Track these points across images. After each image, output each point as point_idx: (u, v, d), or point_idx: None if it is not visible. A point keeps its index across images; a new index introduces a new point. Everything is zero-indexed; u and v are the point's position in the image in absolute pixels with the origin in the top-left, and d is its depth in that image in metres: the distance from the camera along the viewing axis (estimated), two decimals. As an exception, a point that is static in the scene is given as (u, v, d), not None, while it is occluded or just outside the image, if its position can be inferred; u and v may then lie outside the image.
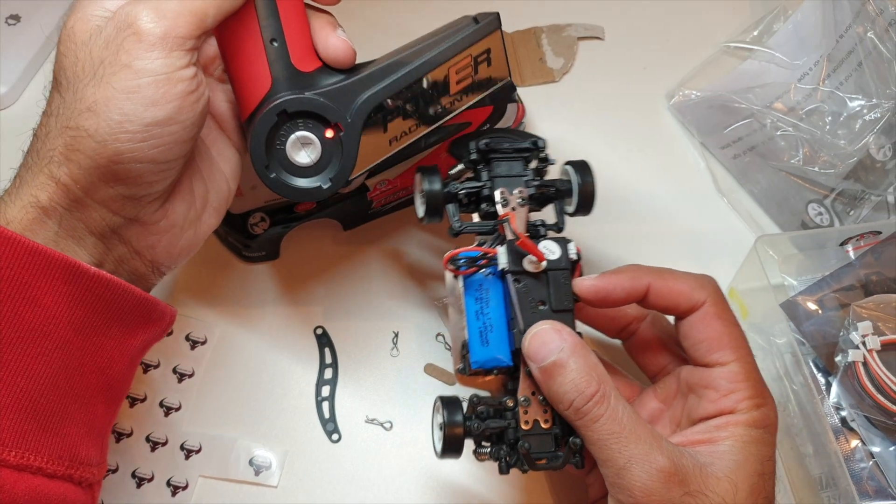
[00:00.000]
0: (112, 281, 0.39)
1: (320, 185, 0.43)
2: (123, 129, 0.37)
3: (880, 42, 0.62)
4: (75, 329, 0.38)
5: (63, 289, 0.38)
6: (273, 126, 0.42)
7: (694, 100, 0.66)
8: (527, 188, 0.46)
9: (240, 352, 0.56)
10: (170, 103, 0.37)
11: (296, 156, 0.43)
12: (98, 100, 0.37)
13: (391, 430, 0.54)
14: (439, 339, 0.57)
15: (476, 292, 0.44)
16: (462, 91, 0.45)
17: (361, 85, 0.43)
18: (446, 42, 0.44)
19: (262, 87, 0.42)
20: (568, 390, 0.39)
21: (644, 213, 0.63)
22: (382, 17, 0.69)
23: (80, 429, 0.39)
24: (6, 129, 0.63)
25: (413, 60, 0.44)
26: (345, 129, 0.43)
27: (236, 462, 0.52)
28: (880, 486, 0.48)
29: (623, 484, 0.38)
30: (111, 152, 0.37)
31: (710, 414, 0.42)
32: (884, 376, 0.48)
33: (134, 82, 0.37)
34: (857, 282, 0.53)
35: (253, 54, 0.42)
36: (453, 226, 0.46)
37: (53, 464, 0.37)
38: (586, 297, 0.44)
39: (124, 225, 0.40)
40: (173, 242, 0.43)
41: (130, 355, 0.42)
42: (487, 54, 0.46)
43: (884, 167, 0.62)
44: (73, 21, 0.39)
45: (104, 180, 0.38)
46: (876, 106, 0.62)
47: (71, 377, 0.38)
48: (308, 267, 0.59)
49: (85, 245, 0.40)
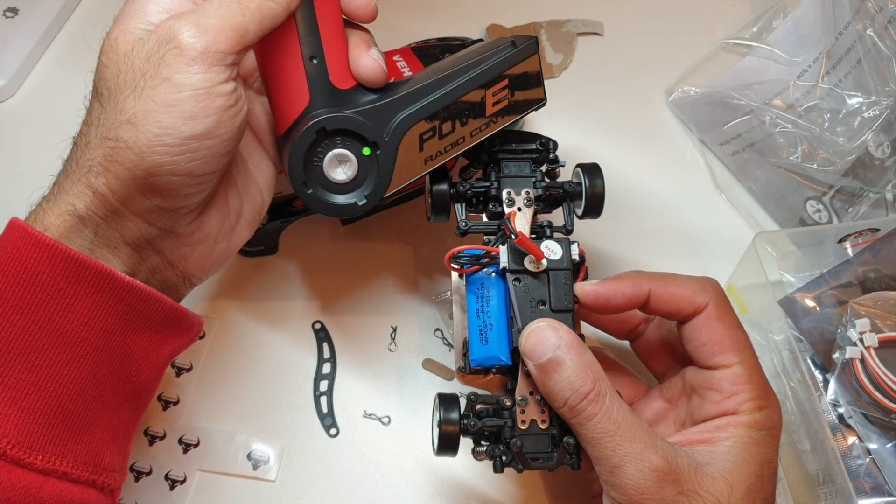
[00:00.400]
0: (144, 290, 0.40)
1: (356, 201, 0.44)
2: (162, 141, 0.37)
3: (879, 39, 0.62)
4: (106, 336, 0.39)
5: (96, 296, 0.38)
6: (312, 143, 0.42)
7: (693, 96, 0.66)
8: (534, 189, 0.46)
9: (238, 346, 0.56)
10: (208, 118, 0.38)
11: (333, 172, 0.43)
12: (138, 112, 0.37)
13: (389, 424, 0.54)
14: (437, 334, 0.57)
15: (477, 290, 0.44)
16: (497, 113, 0.46)
17: (399, 104, 0.43)
18: (484, 64, 0.44)
19: (300, 103, 0.42)
20: (563, 388, 0.39)
21: (642, 209, 0.63)
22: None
23: (105, 435, 0.39)
24: (5, 122, 0.63)
25: (451, 82, 0.44)
26: (382, 147, 0.43)
27: (234, 456, 0.52)
28: (877, 482, 0.48)
29: (616, 482, 0.38)
30: (149, 164, 0.37)
31: (712, 415, 0.42)
32: (881, 373, 0.48)
33: (174, 96, 0.37)
34: (855, 279, 0.53)
35: (292, 71, 0.42)
36: (460, 225, 0.46)
37: (78, 469, 0.38)
38: (587, 302, 0.44)
39: (159, 236, 0.41)
40: (206, 254, 0.43)
41: (158, 363, 0.42)
42: (525, 78, 0.46)
43: (882, 164, 0.62)
44: (116, 33, 0.39)
45: (141, 192, 0.38)
46: (875, 103, 0.62)
47: (99, 384, 0.39)
48: (307, 262, 0.59)
49: (119, 254, 0.40)
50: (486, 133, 0.46)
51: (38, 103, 0.64)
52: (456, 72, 0.44)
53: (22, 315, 0.36)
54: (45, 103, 0.65)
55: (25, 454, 0.36)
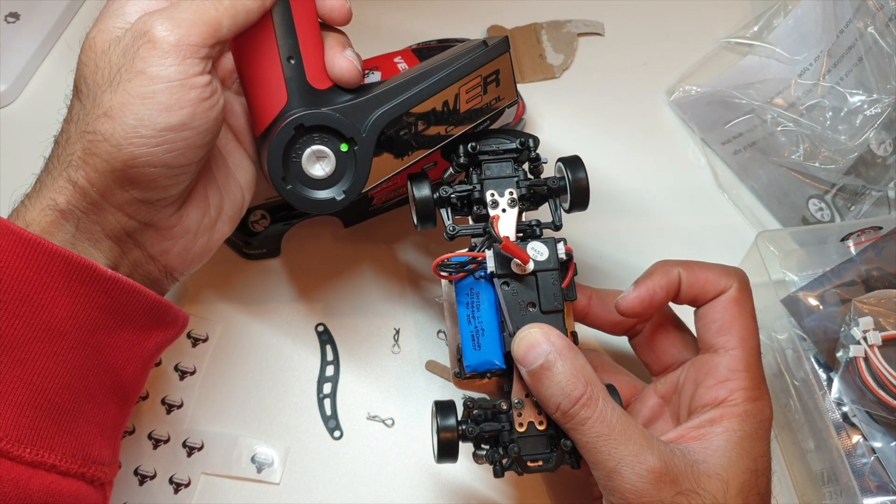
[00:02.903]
0: (127, 283, 0.40)
1: (334, 196, 0.44)
2: (138, 133, 0.38)
3: (881, 37, 0.62)
4: (90, 330, 0.39)
5: (79, 290, 0.38)
6: (290, 139, 0.43)
7: (694, 96, 0.66)
8: (517, 189, 0.46)
9: (241, 349, 0.56)
10: (183, 109, 0.38)
11: (311, 169, 0.44)
12: (114, 105, 0.38)
13: (393, 426, 0.54)
14: (440, 336, 0.57)
15: (467, 297, 0.44)
16: (470, 110, 0.47)
17: (375, 102, 0.44)
18: (456, 63, 0.45)
19: (278, 103, 0.43)
20: (554, 393, 0.39)
21: (645, 209, 0.63)
22: (371, 18, 0.69)
23: (93, 428, 0.40)
24: (6, 127, 0.63)
25: (425, 80, 0.45)
26: (359, 143, 0.44)
27: (238, 459, 0.52)
28: (882, 481, 0.48)
29: (614, 487, 0.38)
30: (126, 156, 0.38)
31: (705, 402, 0.42)
32: (885, 372, 0.48)
33: (149, 88, 0.38)
34: (858, 277, 0.53)
35: (270, 71, 0.43)
36: (447, 230, 0.45)
37: (67, 462, 0.38)
38: (634, 311, 0.44)
39: (139, 229, 0.41)
40: (187, 248, 0.44)
41: (143, 357, 0.42)
42: (496, 75, 0.47)
43: (884, 162, 0.62)
44: (95, 33, 0.40)
45: (120, 184, 0.39)
46: (876, 101, 0.62)
47: (85, 377, 0.39)
48: (309, 264, 0.59)
49: (101, 248, 0.41)
50: (460, 129, 0.47)
51: (40, 108, 0.65)
52: (430, 70, 0.45)
53: (6, 310, 0.36)
54: (47, 108, 0.64)
55: (14, 447, 0.36)
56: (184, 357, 0.55)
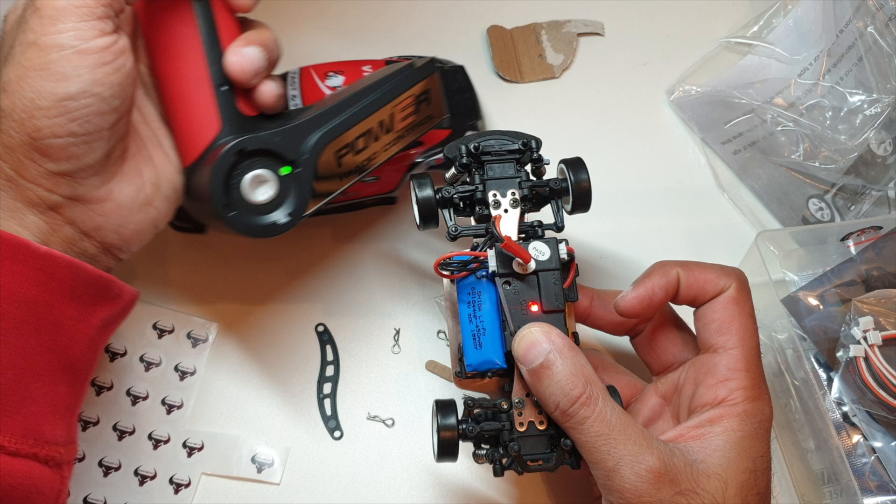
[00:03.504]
0: (63, 258, 0.39)
1: (276, 220, 0.44)
2: (37, 105, 0.37)
3: (881, 37, 0.62)
4: (30, 308, 0.38)
5: (14, 268, 0.38)
6: (230, 165, 0.43)
7: (694, 95, 0.66)
8: (519, 189, 0.46)
9: (241, 349, 0.56)
10: (81, 76, 0.37)
11: (252, 194, 0.44)
12: (11, 79, 0.37)
13: (393, 426, 0.54)
14: (440, 335, 0.57)
15: (468, 296, 0.44)
16: (406, 128, 0.49)
17: (313, 124, 0.45)
18: (387, 84, 0.47)
19: (211, 131, 0.44)
20: (554, 392, 0.39)
21: (644, 209, 0.63)
22: (369, 17, 0.69)
23: (42, 408, 0.39)
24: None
25: (360, 100, 0.46)
26: (301, 165, 0.44)
27: (238, 459, 0.52)
28: (882, 481, 0.48)
29: (613, 486, 0.38)
30: (30, 129, 0.38)
31: (705, 401, 0.42)
32: (885, 371, 0.48)
33: (42, 59, 0.37)
34: (858, 277, 0.53)
35: (201, 100, 0.43)
36: (450, 230, 0.46)
37: (16, 442, 0.37)
38: (633, 311, 0.44)
39: (66, 204, 0.40)
40: (122, 224, 0.43)
41: (90, 334, 0.42)
42: (427, 94, 0.50)
43: (884, 162, 0.62)
44: (8, 13, 0.40)
45: (29, 157, 0.38)
46: (876, 101, 0.62)
47: (29, 356, 0.38)
48: (309, 264, 0.59)
49: (27, 224, 0.40)
50: (399, 146, 0.49)
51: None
52: (363, 91, 0.47)
53: None
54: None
55: None
56: (184, 357, 0.55)
